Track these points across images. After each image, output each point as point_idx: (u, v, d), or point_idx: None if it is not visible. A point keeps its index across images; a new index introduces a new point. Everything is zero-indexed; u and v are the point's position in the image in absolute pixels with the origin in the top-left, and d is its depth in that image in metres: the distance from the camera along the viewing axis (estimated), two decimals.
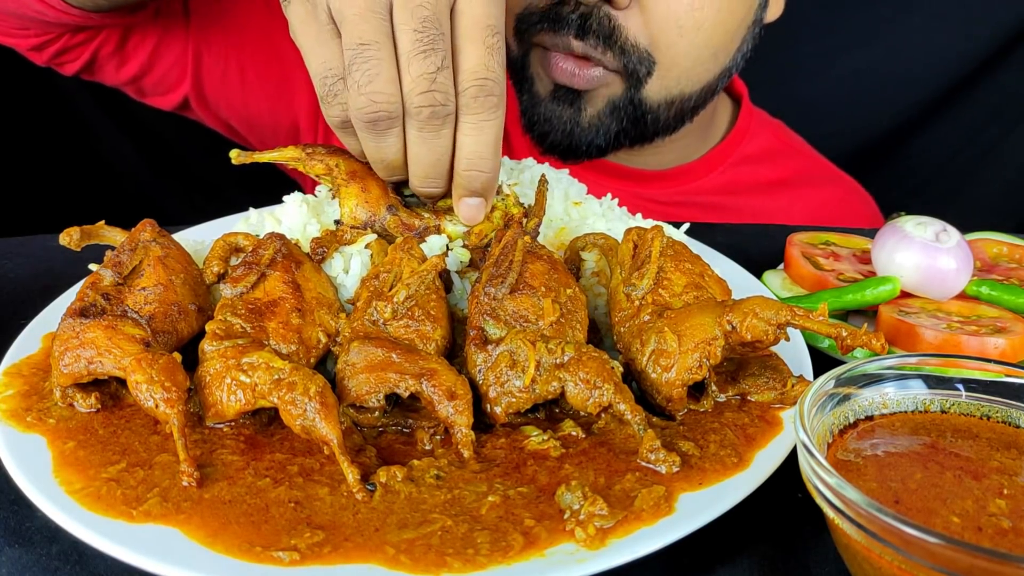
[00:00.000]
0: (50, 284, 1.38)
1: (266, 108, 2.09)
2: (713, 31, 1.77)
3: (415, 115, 1.10)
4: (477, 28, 1.11)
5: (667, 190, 2.11)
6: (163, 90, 2.07)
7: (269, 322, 1.10)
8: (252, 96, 2.08)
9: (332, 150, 1.30)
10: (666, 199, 2.10)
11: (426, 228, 1.26)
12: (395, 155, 1.16)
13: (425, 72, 1.08)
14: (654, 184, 2.11)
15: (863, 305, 1.40)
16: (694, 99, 1.89)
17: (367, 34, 1.08)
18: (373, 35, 1.08)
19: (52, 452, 0.99)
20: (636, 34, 1.72)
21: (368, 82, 1.08)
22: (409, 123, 1.12)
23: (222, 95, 2.08)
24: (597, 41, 1.71)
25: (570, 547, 0.87)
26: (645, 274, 1.17)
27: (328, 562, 0.85)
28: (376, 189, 1.26)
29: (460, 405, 1.00)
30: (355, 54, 1.09)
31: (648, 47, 1.74)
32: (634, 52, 1.74)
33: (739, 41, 1.87)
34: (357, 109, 1.11)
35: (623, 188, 2.04)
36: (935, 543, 0.74)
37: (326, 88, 1.14)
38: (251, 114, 2.11)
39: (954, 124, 2.93)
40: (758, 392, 1.11)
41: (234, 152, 1.30)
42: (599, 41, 1.72)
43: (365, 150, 1.18)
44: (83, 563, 0.92)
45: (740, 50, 1.90)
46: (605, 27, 1.71)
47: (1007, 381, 0.98)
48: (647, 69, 1.76)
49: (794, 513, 1.00)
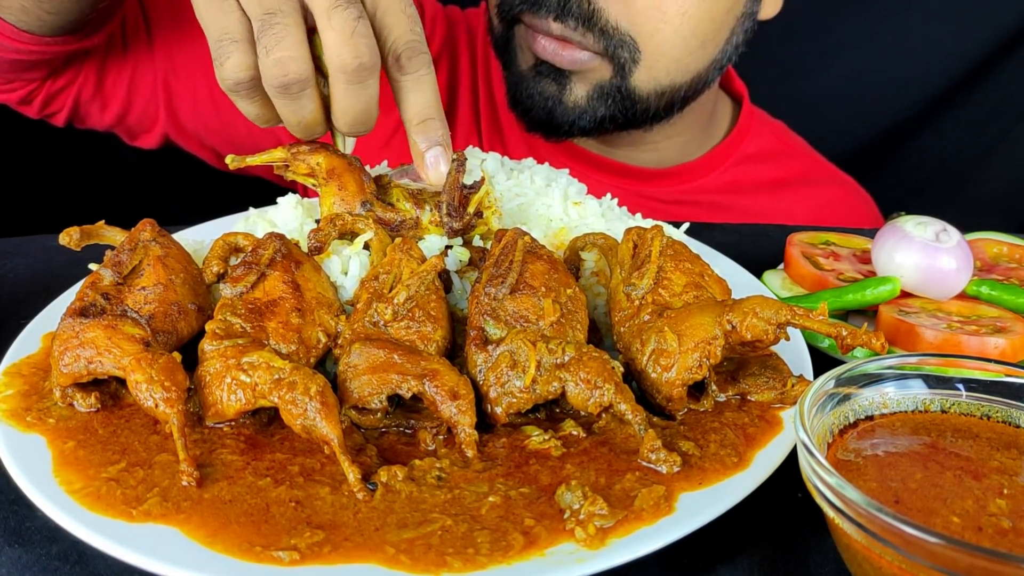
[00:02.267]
0: (50, 284, 1.38)
1: (244, 130, 2.06)
2: (699, 19, 1.77)
3: (342, 69, 1.12)
4: (392, 3, 1.17)
5: (668, 188, 2.12)
6: (147, 126, 2.07)
7: (269, 322, 1.10)
8: (227, 117, 2.05)
9: (314, 148, 1.30)
10: (667, 197, 2.11)
11: (402, 222, 1.26)
12: (310, 114, 1.18)
13: (348, 20, 1.10)
14: (655, 182, 2.11)
15: (863, 305, 1.40)
16: (684, 89, 1.89)
17: (273, 3, 1.10)
18: (279, 3, 1.10)
19: (52, 452, 0.99)
20: (616, 16, 1.72)
21: (276, 46, 1.10)
22: (336, 80, 1.13)
23: (200, 122, 2.06)
24: (576, 23, 1.72)
25: (570, 547, 0.87)
26: (645, 274, 1.17)
27: (328, 562, 0.85)
28: (352, 185, 1.26)
29: (463, 405, 1.00)
30: (263, 24, 1.11)
31: (630, 31, 1.74)
32: (615, 34, 1.74)
33: (728, 32, 1.87)
34: (270, 76, 1.12)
35: (624, 186, 2.04)
36: (935, 543, 0.74)
37: (217, 50, 1.14)
38: (231, 136, 2.09)
39: (954, 124, 2.93)
40: (758, 392, 1.11)
41: (229, 157, 1.33)
42: (578, 23, 1.72)
43: (281, 114, 1.18)
44: (83, 563, 0.92)
45: (730, 42, 1.90)
46: (585, 10, 1.71)
47: (1007, 381, 0.98)
48: (631, 55, 1.77)
49: (794, 513, 1.00)
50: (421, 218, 1.27)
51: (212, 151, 2.15)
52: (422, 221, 1.26)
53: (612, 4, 1.72)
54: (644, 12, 1.73)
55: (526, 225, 1.35)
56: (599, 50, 1.76)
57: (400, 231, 1.26)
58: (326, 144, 1.31)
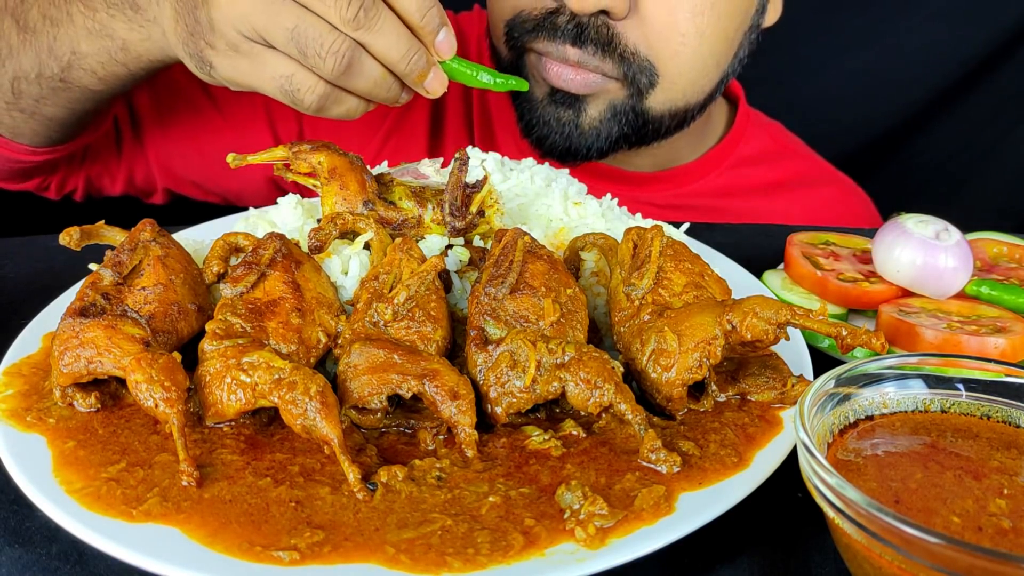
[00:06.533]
0: (50, 284, 1.38)
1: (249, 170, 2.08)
2: (715, 39, 1.75)
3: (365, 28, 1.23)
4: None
5: (663, 193, 2.10)
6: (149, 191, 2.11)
7: (269, 322, 1.10)
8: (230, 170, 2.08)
9: (316, 146, 1.30)
10: (662, 202, 2.09)
11: (404, 221, 1.26)
12: (380, 73, 1.28)
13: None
14: (649, 187, 2.09)
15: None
16: (696, 108, 1.88)
17: (286, 18, 1.23)
18: (292, 16, 1.23)
19: (52, 452, 0.99)
20: (636, 42, 1.70)
21: (319, 45, 1.22)
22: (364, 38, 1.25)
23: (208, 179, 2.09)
24: (595, 49, 1.69)
25: (570, 547, 0.87)
26: (645, 274, 1.17)
27: (328, 562, 0.85)
28: (354, 185, 1.26)
29: (463, 405, 1.00)
30: (292, 39, 1.23)
31: (648, 56, 1.72)
32: (634, 60, 1.71)
33: (737, 47, 1.86)
34: (329, 72, 1.24)
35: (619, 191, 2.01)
36: (935, 543, 0.74)
37: (286, 93, 1.29)
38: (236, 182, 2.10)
39: (954, 124, 2.93)
40: (758, 392, 1.11)
41: (230, 156, 1.33)
42: (597, 48, 1.69)
43: (366, 93, 1.30)
44: (83, 563, 0.92)
45: (738, 56, 1.89)
46: (603, 35, 1.68)
47: (1007, 381, 0.98)
48: (648, 79, 1.74)
49: (794, 513, 1.00)
50: (423, 217, 1.26)
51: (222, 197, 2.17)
52: (424, 220, 1.26)
53: (631, 29, 1.68)
54: (663, 35, 1.70)
55: (526, 225, 1.35)
56: (616, 75, 1.73)
57: (402, 230, 1.26)
58: (328, 143, 1.31)
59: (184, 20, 1.35)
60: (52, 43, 1.59)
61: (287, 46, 1.24)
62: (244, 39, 1.28)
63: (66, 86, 1.64)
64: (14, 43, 1.62)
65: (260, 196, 2.08)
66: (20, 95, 1.66)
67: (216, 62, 1.33)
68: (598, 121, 1.81)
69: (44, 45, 1.60)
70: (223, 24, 1.28)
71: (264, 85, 1.31)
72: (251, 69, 1.31)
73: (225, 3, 1.26)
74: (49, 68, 1.61)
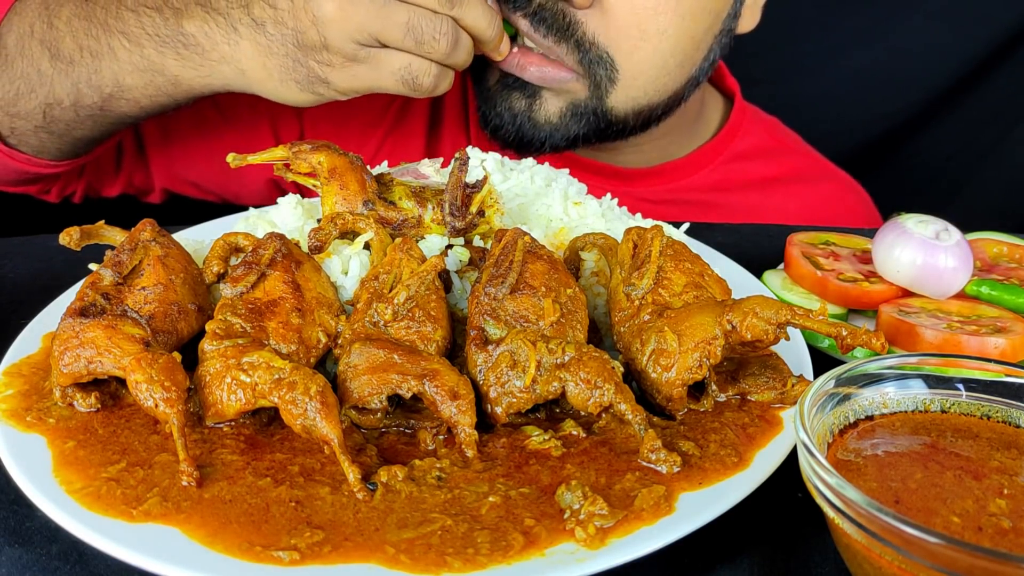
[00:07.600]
0: (50, 284, 1.38)
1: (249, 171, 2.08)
2: (679, 39, 1.73)
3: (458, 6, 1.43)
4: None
5: (655, 188, 2.08)
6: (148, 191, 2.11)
7: (269, 322, 1.10)
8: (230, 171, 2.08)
9: (316, 146, 1.30)
10: (655, 197, 2.07)
11: (404, 221, 1.26)
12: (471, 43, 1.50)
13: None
14: (641, 182, 2.07)
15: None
16: (660, 108, 1.85)
17: (399, 15, 1.39)
18: (401, 12, 1.39)
19: (52, 452, 0.99)
20: (595, 31, 1.67)
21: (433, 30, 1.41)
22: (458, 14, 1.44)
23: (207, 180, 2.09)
24: (548, 31, 1.66)
25: (570, 547, 0.87)
26: (645, 274, 1.17)
27: (328, 562, 0.85)
28: (354, 184, 1.26)
29: (463, 405, 1.00)
30: (408, 32, 1.40)
31: (608, 48, 1.69)
32: (591, 49, 1.68)
33: (706, 50, 1.83)
34: (442, 53, 1.44)
35: (609, 187, 1.99)
36: (935, 543, 0.74)
37: (406, 82, 1.46)
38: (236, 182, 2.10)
39: (954, 124, 2.93)
40: (758, 392, 1.11)
41: (230, 156, 1.33)
42: (550, 31, 1.66)
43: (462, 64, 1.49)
44: (83, 563, 0.92)
45: (707, 59, 1.86)
46: (560, 21, 1.66)
47: (1007, 381, 0.98)
48: (607, 74, 1.72)
49: (794, 513, 1.00)
50: (423, 217, 1.26)
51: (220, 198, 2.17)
52: (424, 220, 1.26)
53: (591, 18, 1.66)
54: (623, 30, 1.68)
55: (526, 225, 1.35)
56: (573, 64, 1.70)
57: (402, 230, 1.26)
58: (328, 143, 1.31)
59: (278, 54, 1.46)
60: (92, 75, 1.58)
61: (403, 41, 1.40)
62: (361, 47, 1.41)
63: (104, 114, 1.64)
64: (46, 70, 1.60)
65: (260, 196, 2.08)
66: (53, 120, 1.65)
67: (333, 77, 1.45)
68: (556, 117, 1.78)
69: (83, 76, 1.59)
70: (339, 40, 1.40)
71: (383, 83, 1.45)
72: (369, 72, 1.44)
73: (338, 20, 1.39)
74: (88, 98, 1.61)
